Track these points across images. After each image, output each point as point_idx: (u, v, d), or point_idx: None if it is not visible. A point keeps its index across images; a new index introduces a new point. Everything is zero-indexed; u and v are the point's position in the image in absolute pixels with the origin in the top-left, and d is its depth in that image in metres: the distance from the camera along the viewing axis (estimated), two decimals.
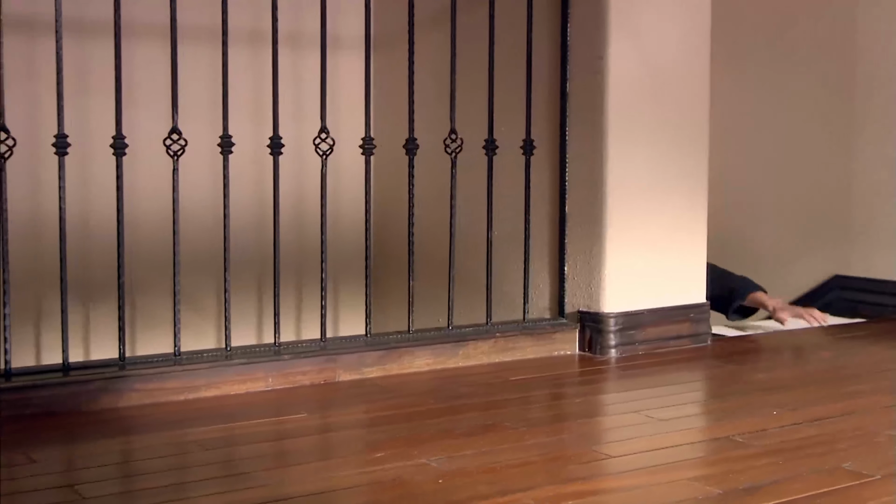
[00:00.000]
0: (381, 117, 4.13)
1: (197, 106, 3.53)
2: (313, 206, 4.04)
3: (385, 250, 4.19)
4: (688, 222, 3.40)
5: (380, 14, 4.16)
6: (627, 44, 3.22)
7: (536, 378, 2.95)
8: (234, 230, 3.74)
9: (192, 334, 3.88)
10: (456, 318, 3.26)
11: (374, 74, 4.19)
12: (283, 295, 4.07)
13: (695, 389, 2.85)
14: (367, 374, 2.94)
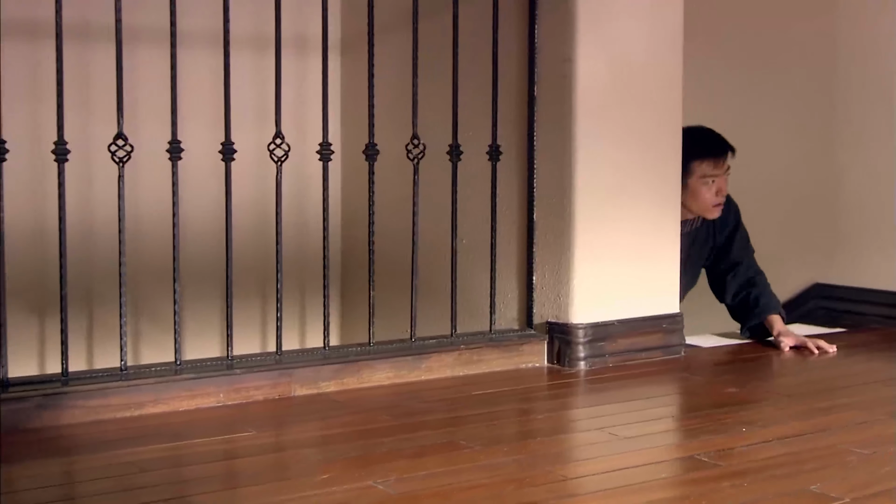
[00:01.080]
0: (350, 121, 4.03)
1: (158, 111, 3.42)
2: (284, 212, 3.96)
3: (353, 258, 4.08)
4: (660, 228, 3.30)
5: (349, 16, 4.07)
6: (596, 46, 3.12)
7: (500, 392, 2.84)
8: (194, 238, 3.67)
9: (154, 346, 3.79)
10: (424, 330, 3.17)
11: (344, 77, 4.12)
12: (247, 306, 4.03)
13: (663, 405, 2.74)
14: (324, 388, 2.83)
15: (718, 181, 3.51)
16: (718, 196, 3.52)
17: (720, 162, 3.50)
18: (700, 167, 3.48)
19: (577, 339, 3.13)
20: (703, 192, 3.50)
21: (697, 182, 3.49)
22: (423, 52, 3.20)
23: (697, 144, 3.48)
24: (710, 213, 3.56)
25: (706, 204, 3.52)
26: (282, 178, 2.88)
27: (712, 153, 3.50)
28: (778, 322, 3.50)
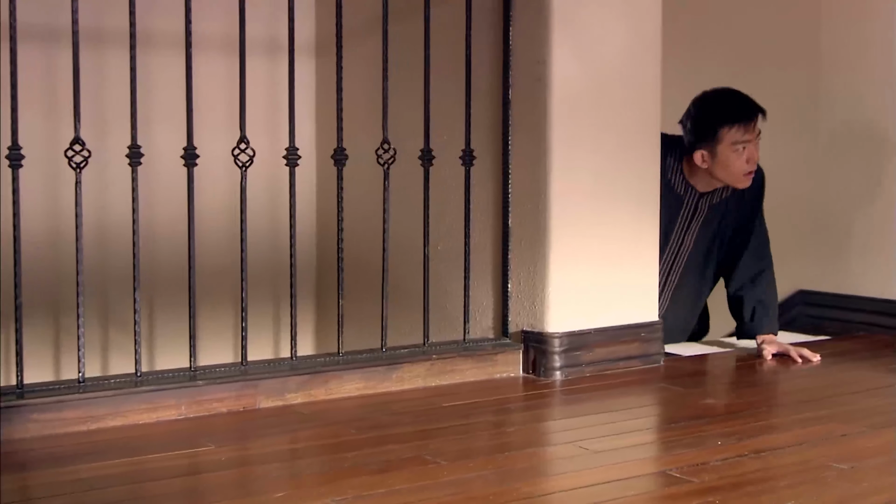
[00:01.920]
0: (324, 125, 3.95)
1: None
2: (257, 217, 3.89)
3: (328, 265, 3.99)
4: (638, 234, 3.22)
5: (324, 18, 3.99)
6: (571, 48, 3.04)
7: (472, 404, 2.76)
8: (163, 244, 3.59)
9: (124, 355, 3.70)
10: (402, 339, 3.09)
11: (320, 80, 4.04)
12: (220, 314, 3.95)
13: (638, 416, 2.66)
14: (291, 400, 2.75)
15: (749, 148, 3.29)
16: (750, 164, 3.30)
17: (751, 126, 3.28)
18: (729, 133, 3.27)
19: (552, 349, 3.05)
20: (734, 161, 3.29)
21: (727, 150, 3.28)
22: (399, 54, 3.12)
23: (725, 109, 3.30)
24: (742, 182, 3.35)
25: (737, 173, 3.31)
26: (247, 183, 2.79)
27: (742, 117, 3.28)
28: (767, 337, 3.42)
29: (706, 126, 3.30)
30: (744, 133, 3.27)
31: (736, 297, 3.49)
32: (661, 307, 3.45)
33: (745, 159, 3.29)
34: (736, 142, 3.27)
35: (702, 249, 3.48)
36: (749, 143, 3.28)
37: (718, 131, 3.27)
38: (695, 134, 3.33)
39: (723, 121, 3.27)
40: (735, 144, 3.27)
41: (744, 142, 3.27)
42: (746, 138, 3.27)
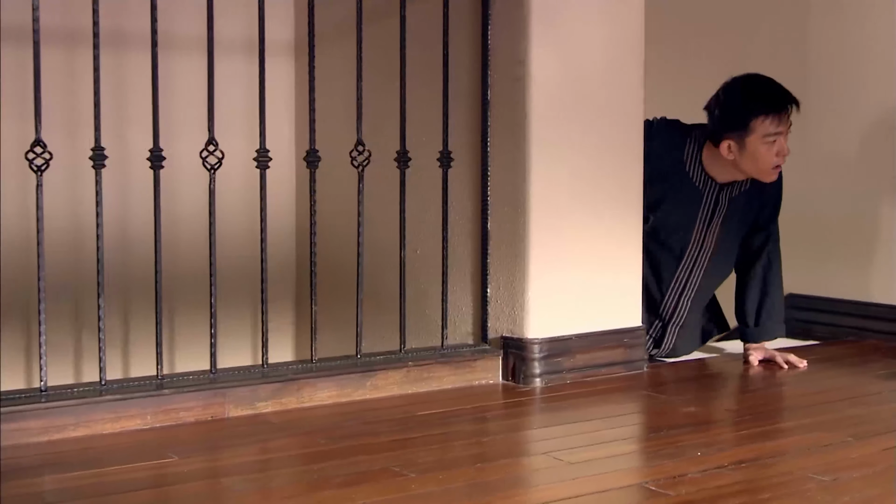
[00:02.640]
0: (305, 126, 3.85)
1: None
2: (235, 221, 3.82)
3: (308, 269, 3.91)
4: (621, 238, 3.14)
5: (303, 17, 3.90)
6: (550, 47, 2.97)
7: (447, 412, 2.69)
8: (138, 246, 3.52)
9: None
10: (381, 344, 3.02)
11: (299, 81, 3.97)
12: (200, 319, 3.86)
13: (617, 425, 2.59)
14: (261, 409, 2.67)
15: (780, 140, 3.12)
16: (779, 157, 3.13)
17: (784, 117, 3.11)
18: (762, 125, 3.09)
19: (532, 355, 2.98)
20: (764, 153, 3.11)
21: (758, 142, 3.10)
22: (378, 54, 3.06)
23: (757, 99, 3.12)
24: (769, 175, 3.18)
25: (766, 166, 3.14)
26: (215, 186, 2.72)
27: (775, 107, 3.09)
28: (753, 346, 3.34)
29: (737, 115, 3.12)
30: (777, 125, 3.10)
31: (744, 299, 3.38)
32: (679, 316, 3.36)
33: (776, 152, 3.13)
34: (768, 133, 3.10)
35: (724, 249, 3.34)
36: (781, 135, 3.12)
37: (751, 122, 3.09)
38: (723, 122, 3.16)
39: (756, 111, 3.09)
40: (767, 136, 3.10)
41: (776, 133, 3.11)
42: (780, 130, 3.11)
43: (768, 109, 3.09)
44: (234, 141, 3.67)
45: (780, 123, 3.11)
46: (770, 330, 3.33)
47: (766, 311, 3.33)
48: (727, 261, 3.37)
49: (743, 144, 3.12)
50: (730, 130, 3.14)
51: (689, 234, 3.28)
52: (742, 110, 3.11)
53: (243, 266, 3.80)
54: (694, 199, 3.25)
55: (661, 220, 3.25)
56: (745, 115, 3.10)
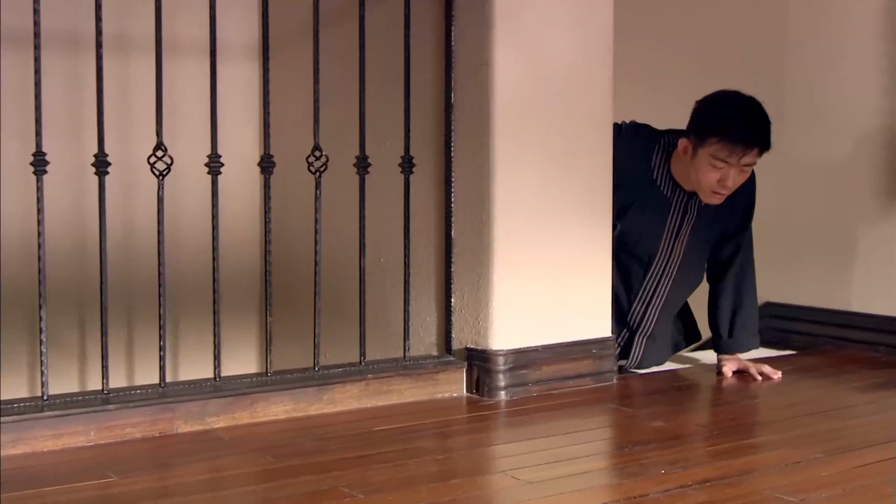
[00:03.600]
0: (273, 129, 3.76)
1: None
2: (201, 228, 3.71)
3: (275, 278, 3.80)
4: (589, 246, 3.05)
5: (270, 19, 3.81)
6: (515, 49, 2.88)
7: (405, 428, 2.59)
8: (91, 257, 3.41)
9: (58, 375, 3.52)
10: (346, 357, 2.92)
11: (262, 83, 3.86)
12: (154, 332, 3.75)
13: (581, 441, 2.49)
14: (212, 424, 2.57)
15: (728, 171, 2.96)
16: (721, 185, 2.98)
17: (738, 152, 2.93)
18: (715, 146, 2.94)
19: (496, 367, 2.88)
20: (706, 172, 2.98)
21: (706, 158, 2.97)
22: (343, 56, 2.96)
23: (727, 119, 2.95)
24: (706, 196, 3.05)
25: (705, 184, 3.01)
26: (163, 193, 2.61)
27: (734, 138, 2.93)
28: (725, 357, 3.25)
29: (703, 123, 3.01)
30: (727, 154, 2.94)
31: (716, 310, 3.28)
32: (647, 326, 3.27)
33: (718, 178, 2.99)
34: (717, 157, 2.96)
35: (693, 258, 3.23)
36: (730, 165, 2.96)
37: (708, 137, 2.96)
38: (692, 121, 3.05)
39: (715, 130, 2.96)
40: (715, 159, 2.96)
41: (724, 162, 2.96)
42: (730, 161, 2.95)
43: (727, 135, 2.94)
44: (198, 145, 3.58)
45: (730, 154, 2.94)
46: (744, 342, 3.23)
47: (740, 321, 3.23)
48: (696, 271, 3.28)
49: (696, 152, 3.02)
50: (693, 132, 3.05)
51: (657, 243, 3.18)
52: (708, 121, 3.00)
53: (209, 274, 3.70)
54: (662, 207, 3.15)
55: (628, 227, 3.15)
56: (708, 127, 2.99)
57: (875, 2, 3.73)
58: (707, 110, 3.04)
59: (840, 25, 3.85)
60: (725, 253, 3.25)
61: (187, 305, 3.67)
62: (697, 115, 3.06)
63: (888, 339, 3.61)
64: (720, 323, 3.25)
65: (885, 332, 3.63)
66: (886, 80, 3.69)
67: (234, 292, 3.72)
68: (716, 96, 3.07)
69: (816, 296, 3.88)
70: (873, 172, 3.75)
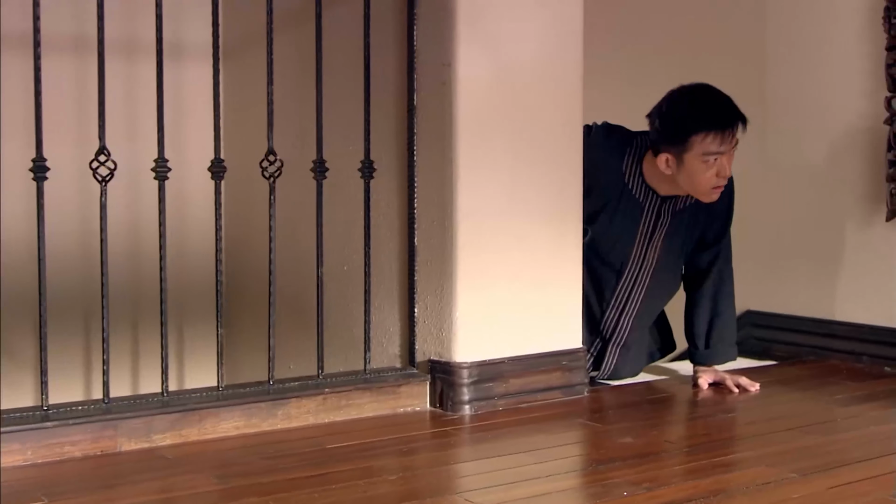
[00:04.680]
0: (234, 133, 3.66)
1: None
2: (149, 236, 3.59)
3: (239, 288, 3.69)
4: (559, 252, 2.93)
5: (231, 20, 3.70)
6: (479, 48, 2.76)
7: (362, 445, 2.47)
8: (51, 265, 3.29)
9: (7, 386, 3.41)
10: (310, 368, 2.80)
11: (227, 85, 3.74)
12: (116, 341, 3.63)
13: (545, 459, 2.36)
14: (158, 442, 2.45)
15: (721, 160, 2.83)
16: (720, 177, 2.85)
17: (728, 136, 2.81)
18: (702, 143, 2.81)
19: (460, 380, 2.75)
20: (702, 173, 2.84)
21: (697, 160, 2.82)
22: (307, 56, 2.84)
23: (700, 112, 2.83)
24: (707, 196, 2.91)
25: (704, 187, 2.87)
26: (106, 199, 2.49)
27: (718, 125, 2.80)
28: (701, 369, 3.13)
29: (677, 128, 2.86)
30: (719, 143, 2.81)
31: (693, 320, 3.15)
32: (620, 336, 3.15)
33: (715, 172, 2.85)
34: (708, 152, 2.82)
35: (667, 266, 3.10)
36: (722, 154, 2.84)
37: (690, 137, 2.82)
38: (663, 134, 2.89)
39: (696, 126, 2.82)
40: (706, 155, 2.82)
41: (717, 153, 2.83)
42: (721, 150, 2.82)
43: (710, 126, 2.81)
44: None
45: (722, 142, 2.82)
46: (721, 353, 3.11)
47: (717, 332, 3.10)
48: (671, 278, 3.15)
49: (681, 160, 2.86)
50: (668, 144, 2.88)
51: (629, 249, 3.06)
52: (683, 124, 2.84)
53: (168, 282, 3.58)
54: (634, 212, 3.03)
55: (599, 233, 3.03)
56: (686, 129, 2.83)
57: (857, 1, 3.62)
58: (674, 116, 2.89)
59: (822, 26, 3.74)
60: (703, 261, 3.13)
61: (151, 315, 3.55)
62: (665, 125, 2.90)
63: (872, 350, 3.49)
64: (696, 333, 3.12)
65: (870, 342, 3.51)
66: (870, 81, 3.57)
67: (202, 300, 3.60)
68: (673, 99, 2.92)
69: (799, 304, 3.77)
70: (858, 176, 3.63)
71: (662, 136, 2.90)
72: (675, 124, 2.87)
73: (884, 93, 3.51)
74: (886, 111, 3.50)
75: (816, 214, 3.74)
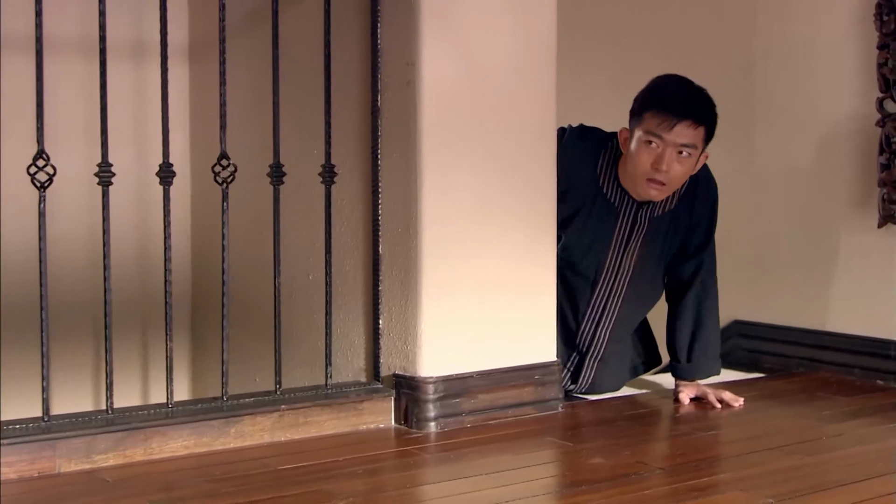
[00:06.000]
0: (199, 136, 3.54)
1: None
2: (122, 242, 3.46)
3: (204, 297, 3.56)
4: (531, 261, 2.79)
5: (198, 19, 3.58)
6: (445, 47, 2.62)
7: (317, 466, 2.33)
8: None
9: None
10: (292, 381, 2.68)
11: (194, 87, 3.62)
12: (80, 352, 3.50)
13: (506, 482, 2.22)
14: (100, 463, 2.31)
15: (664, 151, 2.71)
16: (656, 171, 2.73)
17: (674, 125, 2.70)
18: (649, 121, 2.73)
19: (425, 396, 2.62)
20: (640, 154, 2.74)
21: (639, 142, 2.75)
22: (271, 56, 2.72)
23: (659, 92, 2.77)
24: (641, 185, 2.78)
25: (639, 170, 2.76)
26: (45, 207, 2.35)
27: (668, 108, 2.71)
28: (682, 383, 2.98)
29: (636, 104, 2.81)
30: (664, 129, 2.71)
31: (675, 332, 3.01)
32: (597, 349, 3.01)
33: (653, 160, 2.74)
34: (650, 131, 2.73)
35: (645, 275, 2.96)
36: (664, 142, 2.72)
37: (643, 113, 2.76)
38: (631, 108, 2.84)
39: (649, 104, 2.76)
40: (649, 134, 2.73)
41: (656, 137, 2.72)
42: (662, 135, 2.71)
43: (660, 107, 2.74)
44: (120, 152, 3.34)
45: (668, 129, 2.72)
46: (703, 367, 2.96)
47: (700, 346, 2.96)
48: (650, 287, 3.01)
49: (632, 137, 2.80)
50: (631, 117, 2.83)
51: (603, 257, 2.92)
52: (642, 97, 2.81)
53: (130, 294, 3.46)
54: (608, 217, 2.89)
55: (571, 239, 2.89)
56: (643, 103, 2.79)
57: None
58: (641, 92, 2.84)
59: (811, 23, 3.59)
60: (685, 271, 2.98)
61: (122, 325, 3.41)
62: (634, 101, 2.85)
63: (864, 362, 3.35)
64: (678, 346, 2.98)
65: (862, 353, 3.36)
66: (860, 81, 3.42)
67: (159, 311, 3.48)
68: (652, 80, 2.86)
69: (788, 314, 3.62)
70: (848, 180, 3.48)
71: (631, 110, 2.85)
72: (638, 100, 2.82)
73: (875, 93, 3.36)
74: (878, 112, 3.35)
75: (806, 220, 3.60)
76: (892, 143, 3.32)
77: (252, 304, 3.13)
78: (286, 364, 2.82)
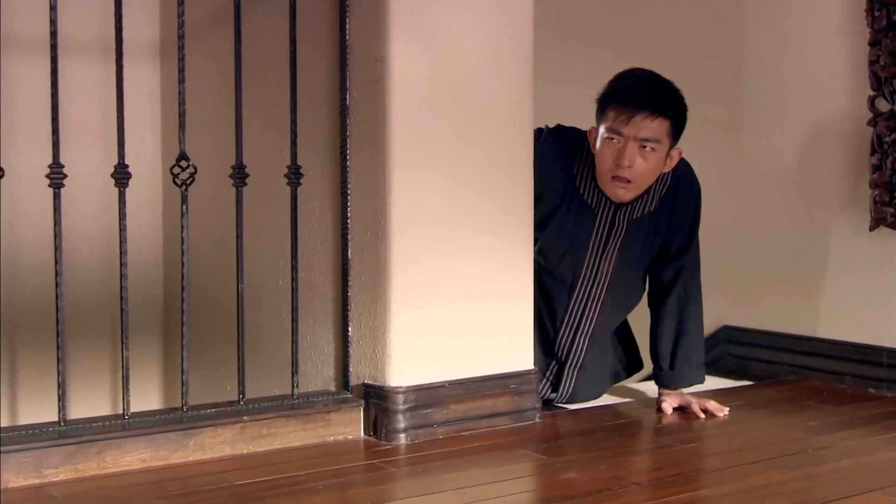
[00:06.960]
0: (171, 135, 3.43)
1: None
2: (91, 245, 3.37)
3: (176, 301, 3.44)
4: (507, 265, 2.69)
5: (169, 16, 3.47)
6: (416, 43, 2.52)
7: (277, 481, 2.22)
8: None
9: None
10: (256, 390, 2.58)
11: (165, 85, 3.52)
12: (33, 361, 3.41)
13: (474, 499, 2.11)
14: (50, 478, 2.21)
15: (625, 146, 2.62)
16: (618, 166, 2.64)
17: (632, 117, 2.61)
18: (609, 116, 2.65)
19: (395, 406, 2.51)
20: (602, 152, 2.66)
21: (603, 135, 2.67)
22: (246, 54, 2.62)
23: (618, 87, 2.69)
24: (606, 184, 2.70)
25: (603, 167, 2.68)
26: None
27: (624, 102, 2.62)
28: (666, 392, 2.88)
29: (601, 97, 2.72)
30: (615, 118, 2.63)
31: (657, 339, 2.91)
32: (577, 356, 2.90)
33: (614, 157, 2.65)
34: (610, 128, 2.64)
35: (624, 279, 2.86)
36: (624, 137, 2.63)
37: (605, 110, 2.68)
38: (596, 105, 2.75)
39: (609, 100, 2.68)
40: (609, 131, 2.65)
41: (617, 133, 2.63)
42: (620, 130, 2.62)
43: (618, 101, 2.65)
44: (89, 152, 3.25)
45: (625, 123, 2.62)
46: (686, 375, 2.86)
47: (683, 353, 2.85)
48: (630, 292, 2.90)
49: (598, 134, 2.71)
50: (596, 115, 2.74)
51: (581, 260, 2.81)
52: (605, 94, 2.71)
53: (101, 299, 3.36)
54: (585, 219, 2.79)
55: (548, 241, 2.79)
56: (605, 99, 2.70)
57: None
58: (603, 88, 2.74)
59: (801, 20, 3.48)
60: (667, 275, 2.88)
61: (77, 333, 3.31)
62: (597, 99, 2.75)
63: (856, 369, 3.24)
64: (661, 354, 2.88)
65: (853, 360, 3.25)
66: (852, 79, 3.31)
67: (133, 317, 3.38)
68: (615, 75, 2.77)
69: (778, 319, 3.51)
70: (839, 181, 3.37)
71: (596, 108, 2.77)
72: (600, 94, 2.73)
73: (867, 92, 3.25)
74: (870, 111, 3.25)
75: (796, 223, 3.49)
76: (884, 142, 3.21)
77: (222, 310, 3.03)
78: (258, 372, 2.74)
